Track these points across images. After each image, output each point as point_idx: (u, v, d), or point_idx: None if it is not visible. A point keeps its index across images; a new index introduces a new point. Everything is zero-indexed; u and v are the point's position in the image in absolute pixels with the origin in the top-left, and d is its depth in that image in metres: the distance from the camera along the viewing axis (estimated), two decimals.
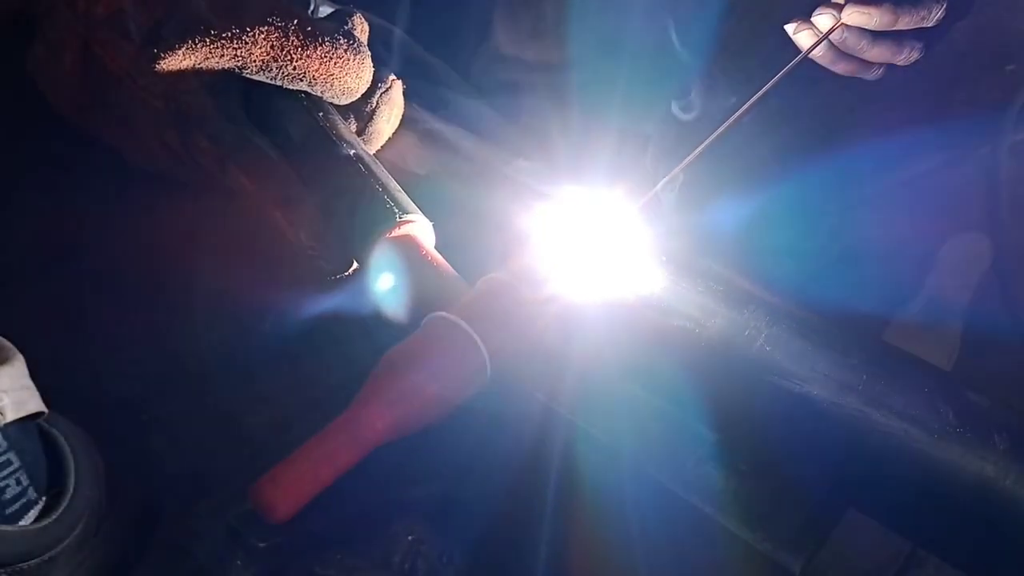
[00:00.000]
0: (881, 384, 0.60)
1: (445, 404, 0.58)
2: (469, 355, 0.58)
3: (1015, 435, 0.58)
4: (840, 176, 1.19)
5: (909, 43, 0.76)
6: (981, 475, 0.57)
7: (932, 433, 0.58)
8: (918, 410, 0.59)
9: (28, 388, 0.78)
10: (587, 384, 0.69)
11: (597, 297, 0.67)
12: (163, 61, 0.62)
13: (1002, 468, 0.57)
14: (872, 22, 0.73)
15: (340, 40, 0.68)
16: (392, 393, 0.56)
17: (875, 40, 0.75)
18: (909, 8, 0.73)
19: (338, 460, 0.53)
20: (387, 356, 0.58)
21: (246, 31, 0.64)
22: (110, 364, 0.97)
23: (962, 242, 1.09)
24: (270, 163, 0.65)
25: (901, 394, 0.60)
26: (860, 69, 0.79)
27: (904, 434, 0.58)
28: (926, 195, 1.18)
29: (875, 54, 0.76)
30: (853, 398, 0.60)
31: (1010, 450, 0.58)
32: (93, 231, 1.02)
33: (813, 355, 0.61)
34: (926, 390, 0.60)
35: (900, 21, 0.73)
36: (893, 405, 0.59)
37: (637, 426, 0.71)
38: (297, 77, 0.67)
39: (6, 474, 0.74)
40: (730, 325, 0.64)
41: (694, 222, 0.88)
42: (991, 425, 0.59)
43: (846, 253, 1.11)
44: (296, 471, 0.52)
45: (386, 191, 0.67)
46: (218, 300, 1.01)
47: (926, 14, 0.74)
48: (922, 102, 1.29)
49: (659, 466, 0.70)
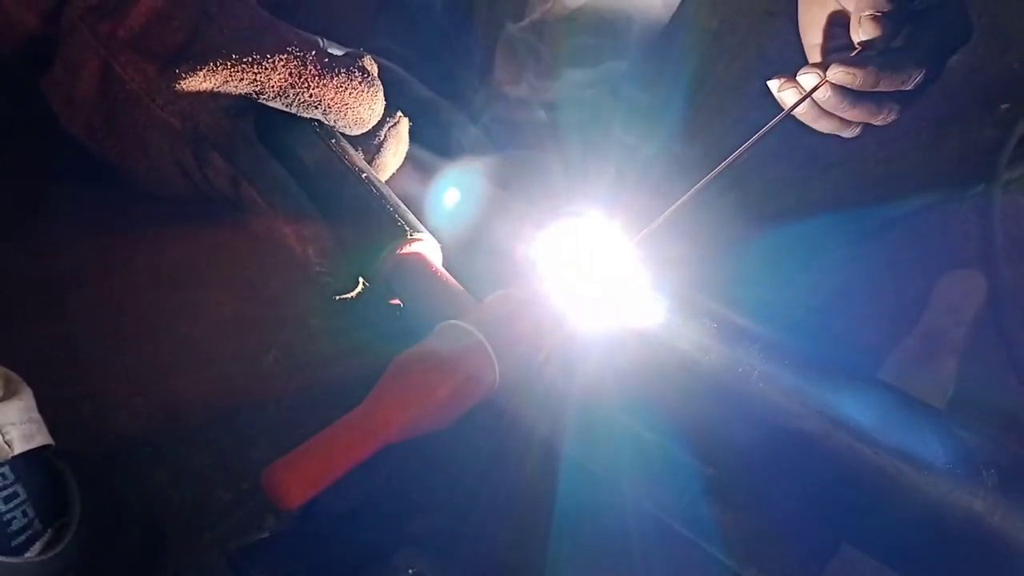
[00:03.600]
0: (873, 421, 0.61)
1: (455, 407, 0.59)
2: (479, 360, 0.59)
3: (1004, 472, 0.59)
4: (836, 212, 1.21)
5: (888, 104, 0.79)
6: (971, 511, 0.58)
7: (922, 469, 0.59)
8: (909, 447, 0.60)
9: (36, 421, 0.79)
10: (585, 416, 0.70)
11: (596, 328, 0.68)
12: (183, 82, 0.64)
13: (991, 504, 0.58)
14: (855, 82, 0.76)
15: (355, 72, 0.70)
16: (405, 392, 0.57)
17: (856, 100, 0.78)
18: (890, 72, 0.76)
19: (351, 452, 0.53)
20: (400, 357, 0.59)
21: (266, 58, 0.65)
22: (113, 398, 0.98)
23: (957, 278, 1.10)
24: (282, 182, 0.67)
25: (892, 430, 0.61)
26: (840, 127, 0.82)
27: (895, 470, 0.59)
28: (922, 231, 1.20)
29: (855, 113, 0.79)
30: (845, 434, 0.61)
31: (999, 486, 0.59)
32: (95, 265, 1.04)
33: (805, 391, 0.62)
34: (917, 427, 0.61)
35: (881, 83, 0.76)
36: (884, 441, 0.60)
37: (634, 460, 0.72)
38: (312, 105, 0.68)
39: (12, 506, 0.75)
40: (724, 361, 0.65)
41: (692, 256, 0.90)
42: (980, 462, 0.60)
43: (844, 288, 1.12)
44: (310, 459, 0.53)
45: (397, 211, 0.69)
46: (220, 333, 1.02)
47: (906, 78, 0.77)
48: (916, 140, 1.31)
49: (656, 500, 0.71)
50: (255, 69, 0.65)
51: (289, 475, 0.51)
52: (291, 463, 0.52)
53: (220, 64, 0.64)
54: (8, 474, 0.76)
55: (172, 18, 0.64)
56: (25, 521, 0.76)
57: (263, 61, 0.65)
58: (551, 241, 0.72)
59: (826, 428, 0.60)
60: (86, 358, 0.99)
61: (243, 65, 0.64)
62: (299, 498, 0.50)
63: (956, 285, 1.09)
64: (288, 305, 1.05)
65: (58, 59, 0.65)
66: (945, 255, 1.16)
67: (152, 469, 0.96)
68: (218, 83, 0.64)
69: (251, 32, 0.66)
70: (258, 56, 0.65)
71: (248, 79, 0.65)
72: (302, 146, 0.70)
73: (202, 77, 0.64)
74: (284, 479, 0.51)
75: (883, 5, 0.76)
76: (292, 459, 0.52)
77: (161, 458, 0.96)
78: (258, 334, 1.04)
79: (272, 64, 0.65)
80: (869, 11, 0.76)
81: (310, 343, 1.05)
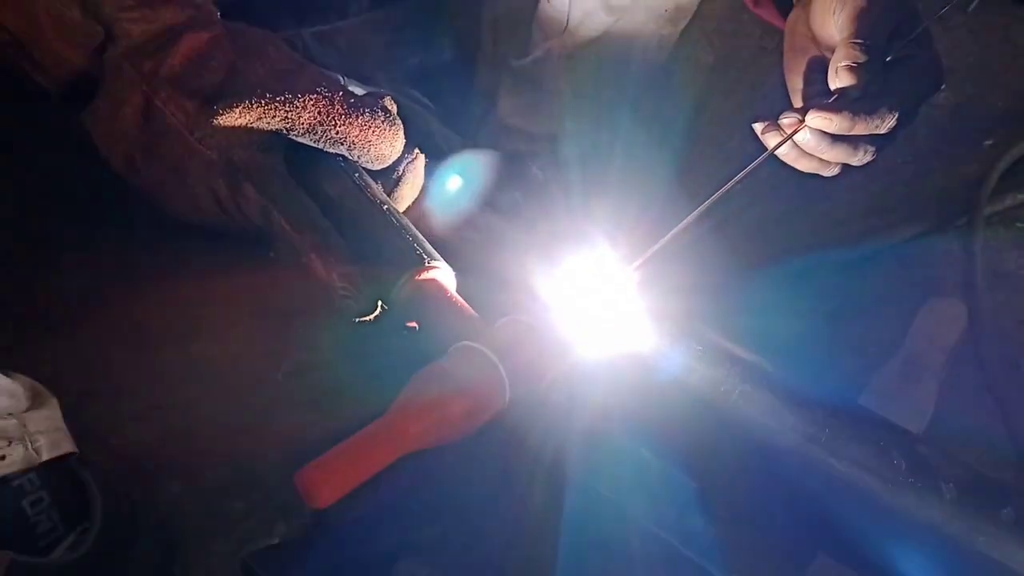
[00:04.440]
0: (842, 436, 0.65)
1: (470, 421, 0.63)
2: (491, 378, 0.63)
3: (962, 486, 0.64)
4: (823, 243, 1.25)
5: (864, 147, 0.84)
6: (929, 521, 0.62)
7: (887, 482, 0.64)
8: (874, 460, 0.64)
9: (61, 430, 0.84)
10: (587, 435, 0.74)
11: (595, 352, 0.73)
12: (221, 118, 0.69)
13: (949, 516, 0.62)
14: (832, 126, 0.80)
15: (378, 112, 0.75)
16: (423, 406, 0.61)
17: (834, 143, 0.82)
18: (865, 117, 0.81)
19: (374, 458, 0.57)
20: (420, 373, 0.63)
21: (297, 97, 0.71)
22: (132, 409, 1.02)
23: (939, 306, 1.14)
24: (309, 212, 0.72)
25: (859, 445, 0.65)
26: (820, 167, 0.87)
27: (862, 482, 0.63)
28: (906, 261, 1.24)
29: (833, 155, 0.84)
30: (817, 448, 0.65)
31: (957, 499, 0.63)
32: (114, 285, 1.08)
33: (781, 409, 0.67)
34: (882, 443, 0.65)
35: (857, 127, 0.81)
36: (852, 455, 0.64)
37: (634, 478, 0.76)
38: (338, 141, 0.73)
39: (39, 510, 0.80)
40: (707, 382, 0.69)
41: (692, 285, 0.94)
42: (940, 476, 0.64)
43: (830, 315, 1.16)
44: (341, 461, 0.56)
45: (415, 240, 0.73)
46: (233, 349, 1.06)
47: (880, 123, 0.82)
48: (902, 173, 1.36)
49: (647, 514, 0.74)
50: (287, 107, 0.70)
51: (321, 477, 0.55)
52: (322, 466, 0.56)
53: (255, 102, 0.69)
54: (35, 479, 0.80)
55: (211, 59, 0.69)
56: (50, 524, 0.80)
57: (295, 100, 0.70)
58: (555, 269, 0.76)
59: (799, 443, 0.65)
60: (104, 372, 1.03)
61: (276, 103, 0.69)
62: (330, 498, 0.55)
63: (937, 313, 1.12)
64: (299, 323, 1.09)
65: (101, 94, 0.70)
66: (927, 284, 1.20)
67: (166, 479, 0.99)
68: (252, 119, 0.69)
69: (284, 74, 0.71)
70: (290, 95, 0.70)
71: (280, 116, 0.70)
72: (328, 179, 0.75)
73: (238, 114, 0.68)
74: (316, 480, 0.55)
75: (859, 56, 0.80)
76: (322, 463, 0.56)
77: (175, 469, 1.00)
78: (269, 354, 1.08)
79: (303, 103, 0.70)
80: (846, 62, 0.80)
81: (319, 363, 1.09)
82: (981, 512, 0.65)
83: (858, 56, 0.80)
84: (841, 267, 1.23)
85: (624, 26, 1.17)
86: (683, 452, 0.75)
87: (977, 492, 0.64)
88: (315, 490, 0.54)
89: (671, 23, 1.19)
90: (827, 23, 0.86)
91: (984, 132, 1.44)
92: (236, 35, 0.72)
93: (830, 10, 0.85)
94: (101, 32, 0.69)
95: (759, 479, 0.70)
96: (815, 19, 0.88)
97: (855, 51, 0.80)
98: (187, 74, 0.69)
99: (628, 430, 0.77)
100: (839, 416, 0.66)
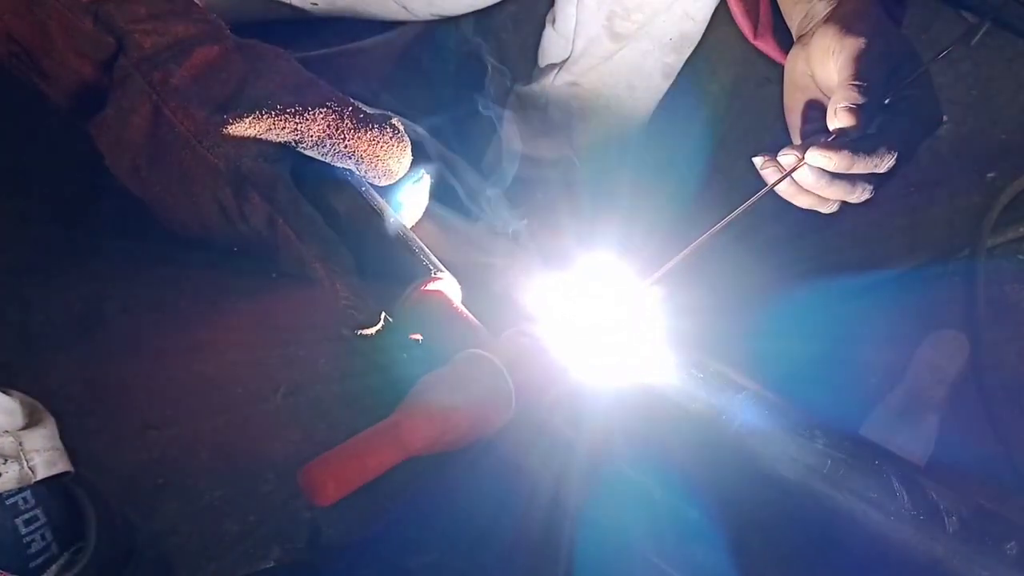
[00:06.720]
0: (844, 468, 0.65)
1: (475, 427, 0.62)
2: (499, 387, 0.63)
3: (964, 520, 0.63)
4: (828, 271, 1.25)
5: (861, 185, 0.84)
6: (931, 555, 0.62)
7: (888, 514, 0.63)
8: (876, 492, 0.64)
9: (58, 449, 0.83)
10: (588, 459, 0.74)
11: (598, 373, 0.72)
12: (230, 127, 0.69)
13: (951, 550, 0.62)
14: (831, 165, 0.81)
15: (387, 128, 0.75)
16: (430, 408, 0.60)
17: (832, 180, 0.83)
18: (864, 156, 0.81)
19: (379, 458, 0.56)
20: (428, 376, 0.63)
21: (308, 110, 0.71)
22: (129, 428, 1.02)
23: (940, 338, 1.14)
24: (316, 223, 0.72)
25: (862, 477, 0.65)
26: (818, 203, 0.87)
27: (864, 515, 0.63)
28: (908, 292, 1.24)
29: (831, 192, 0.84)
30: (818, 480, 0.65)
31: (959, 532, 0.62)
32: (114, 306, 1.08)
33: (782, 440, 0.66)
34: (883, 475, 0.65)
35: (855, 166, 0.81)
36: (854, 487, 0.64)
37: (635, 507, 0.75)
38: (347, 155, 0.73)
39: (32, 529, 0.79)
40: (709, 410, 0.69)
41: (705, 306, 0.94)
42: (943, 509, 0.63)
43: (832, 341, 1.16)
44: (345, 459, 0.56)
45: (421, 252, 0.73)
46: (231, 372, 1.06)
47: (878, 162, 0.82)
48: (905, 203, 1.36)
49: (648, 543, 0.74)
50: (297, 120, 0.70)
51: (324, 473, 0.54)
52: (326, 462, 0.55)
53: (265, 113, 0.69)
54: (30, 498, 0.80)
55: (222, 70, 0.69)
56: (43, 544, 0.79)
57: (304, 113, 0.70)
58: (561, 289, 0.76)
59: (800, 474, 0.64)
60: (102, 392, 1.03)
61: (286, 116, 0.69)
62: (333, 495, 0.54)
63: (940, 345, 1.12)
64: (297, 346, 1.09)
65: (110, 103, 0.70)
66: (930, 315, 1.20)
67: (162, 500, 0.99)
68: (262, 130, 0.69)
69: (294, 87, 0.71)
70: (300, 108, 0.70)
71: (290, 128, 0.70)
72: (334, 192, 0.75)
73: (247, 124, 0.69)
74: (320, 476, 0.54)
75: (858, 98, 0.80)
76: (326, 459, 0.55)
77: (171, 490, 1.00)
78: (268, 373, 1.08)
79: (312, 116, 0.70)
80: (845, 103, 0.81)
81: (318, 382, 1.09)
82: (984, 546, 0.65)
83: (857, 98, 0.80)
84: (843, 295, 1.23)
85: (628, 54, 1.17)
86: (685, 480, 0.75)
87: (980, 526, 0.64)
88: (320, 486, 0.53)
89: (675, 51, 1.19)
90: (826, 63, 0.86)
91: (987, 164, 1.45)
92: (247, 49, 0.73)
93: (829, 50, 0.85)
94: (112, 44, 0.69)
95: (761, 509, 0.70)
96: (814, 59, 0.88)
97: (854, 93, 0.81)
98: (198, 84, 0.69)
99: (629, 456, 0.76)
100: (841, 448, 0.65)
